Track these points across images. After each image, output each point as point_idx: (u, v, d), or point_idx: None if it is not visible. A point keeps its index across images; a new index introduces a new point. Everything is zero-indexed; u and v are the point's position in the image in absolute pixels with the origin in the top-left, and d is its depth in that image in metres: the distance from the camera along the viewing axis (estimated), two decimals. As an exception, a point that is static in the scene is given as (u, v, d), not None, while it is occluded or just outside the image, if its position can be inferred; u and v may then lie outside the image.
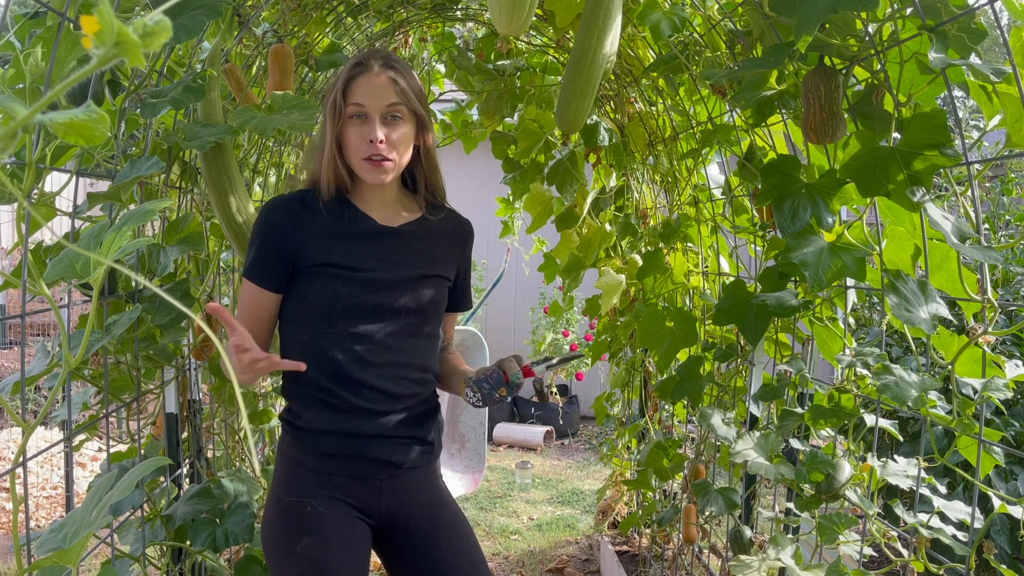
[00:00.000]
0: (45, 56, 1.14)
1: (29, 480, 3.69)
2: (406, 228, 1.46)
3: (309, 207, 1.41)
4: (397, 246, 1.44)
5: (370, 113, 1.36)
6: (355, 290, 1.37)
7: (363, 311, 1.38)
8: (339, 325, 1.37)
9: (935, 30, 1.08)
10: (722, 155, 1.94)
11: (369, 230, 1.43)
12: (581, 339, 5.49)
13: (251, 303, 1.42)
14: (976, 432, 1.19)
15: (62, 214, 1.33)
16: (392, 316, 1.40)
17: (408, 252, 1.44)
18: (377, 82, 1.36)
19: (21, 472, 1.12)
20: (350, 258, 1.39)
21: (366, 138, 1.36)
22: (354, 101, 1.36)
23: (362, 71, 1.37)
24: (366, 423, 1.38)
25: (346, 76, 1.37)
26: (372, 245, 1.42)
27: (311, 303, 1.38)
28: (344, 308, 1.37)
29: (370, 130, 1.36)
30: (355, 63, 1.39)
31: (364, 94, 1.36)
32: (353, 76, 1.37)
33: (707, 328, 2.04)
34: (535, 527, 3.76)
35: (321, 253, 1.38)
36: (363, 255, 1.40)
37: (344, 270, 1.38)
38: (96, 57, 0.42)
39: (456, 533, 1.47)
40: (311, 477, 1.39)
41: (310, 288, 1.38)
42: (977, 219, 1.17)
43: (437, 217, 1.52)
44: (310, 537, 1.34)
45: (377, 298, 1.39)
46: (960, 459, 1.32)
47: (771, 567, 1.39)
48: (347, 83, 1.37)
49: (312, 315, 1.39)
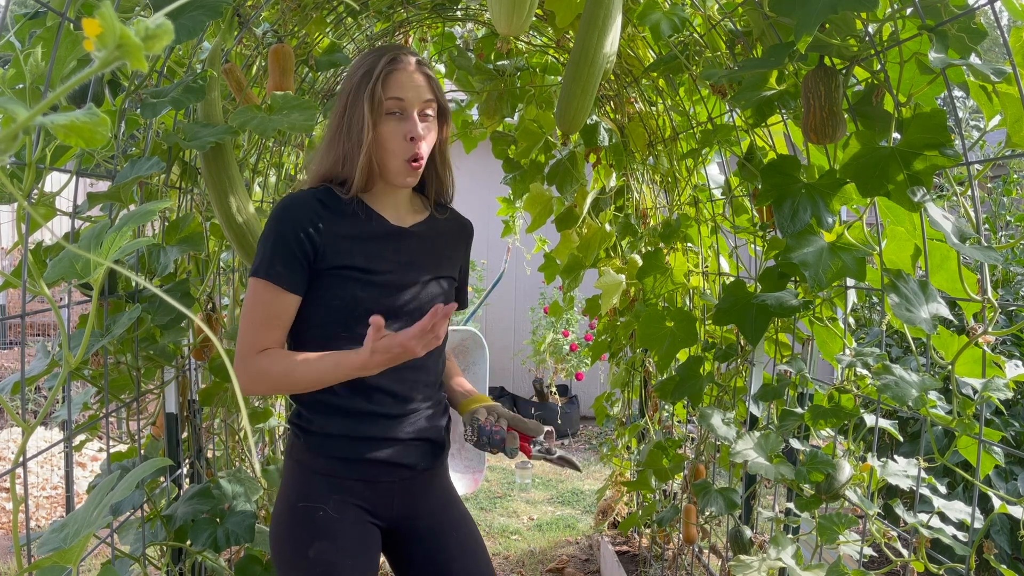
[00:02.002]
0: (45, 56, 1.14)
1: (29, 480, 3.69)
2: (417, 229, 1.45)
3: (329, 207, 1.36)
4: (409, 247, 1.41)
5: (408, 109, 1.34)
6: (372, 294, 1.34)
7: (373, 312, 1.35)
8: (356, 329, 1.30)
9: (935, 30, 1.08)
10: (722, 155, 1.94)
11: (383, 231, 1.40)
12: (581, 339, 5.49)
13: (266, 307, 1.32)
14: (976, 432, 1.19)
15: (62, 214, 1.33)
16: (405, 319, 1.37)
17: (419, 253, 1.42)
18: (416, 78, 1.35)
19: (21, 472, 1.12)
20: (368, 260, 1.35)
21: (406, 135, 1.33)
22: (394, 95, 1.33)
23: (400, 65, 1.34)
24: (377, 427, 1.36)
25: (385, 69, 1.33)
26: (386, 246, 1.39)
27: (329, 307, 1.34)
28: (362, 312, 1.31)
29: (411, 127, 1.33)
30: (390, 58, 1.35)
31: (404, 88, 1.33)
32: (391, 70, 1.33)
33: (707, 328, 2.04)
34: (535, 527, 3.76)
35: (341, 255, 1.33)
36: (379, 257, 1.37)
37: (362, 273, 1.34)
38: (98, 60, 0.42)
39: (465, 533, 1.46)
40: (322, 481, 1.36)
41: (327, 291, 1.33)
42: (977, 219, 1.17)
43: (443, 216, 1.51)
44: (321, 542, 1.32)
45: (391, 301, 1.36)
46: (960, 459, 1.33)
47: (771, 567, 1.39)
48: (387, 76, 1.33)
49: (329, 319, 1.34)
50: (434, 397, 1.46)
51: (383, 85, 1.33)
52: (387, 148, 1.35)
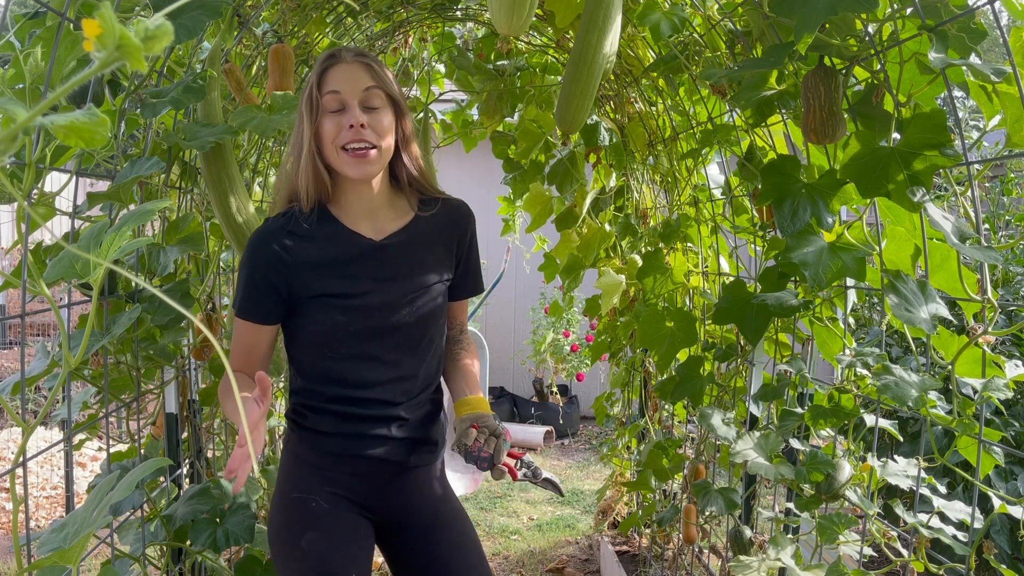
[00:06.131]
0: (45, 56, 1.14)
1: (29, 480, 3.69)
2: (397, 239, 1.40)
3: (296, 234, 1.35)
4: (389, 262, 1.39)
5: (347, 99, 1.31)
6: (354, 317, 1.35)
7: (363, 334, 1.36)
8: (341, 349, 1.36)
9: (935, 30, 1.08)
10: (722, 155, 1.94)
11: (359, 249, 1.37)
12: (582, 339, 5.49)
13: (247, 341, 1.39)
14: (976, 432, 1.19)
15: (62, 214, 1.33)
16: (391, 333, 1.38)
17: (401, 266, 1.39)
18: (351, 69, 1.33)
19: (21, 472, 1.11)
20: (344, 285, 1.35)
21: (345, 125, 1.31)
22: (330, 89, 1.32)
23: (335, 62, 1.34)
24: (369, 428, 1.39)
25: (320, 69, 1.34)
26: (363, 266, 1.37)
27: (313, 331, 1.37)
28: (345, 335, 1.36)
29: (348, 116, 1.31)
30: (327, 56, 1.35)
31: (339, 81, 1.32)
32: (326, 68, 1.33)
33: (707, 328, 2.04)
34: (535, 527, 3.76)
35: (316, 283, 1.35)
36: (356, 279, 1.36)
37: (340, 298, 1.35)
38: (98, 60, 0.42)
39: (457, 530, 1.47)
40: (315, 474, 1.40)
41: (311, 318, 1.37)
42: (977, 219, 1.17)
43: (430, 212, 1.45)
44: (314, 532, 1.35)
45: (374, 320, 1.37)
46: (960, 459, 1.32)
47: (771, 567, 1.39)
48: (321, 75, 1.33)
49: (314, 340, 1.38)
50: (428, 398, 1.46)
51: (318, 85, 1.33)
52: (327, 141, 1.32)
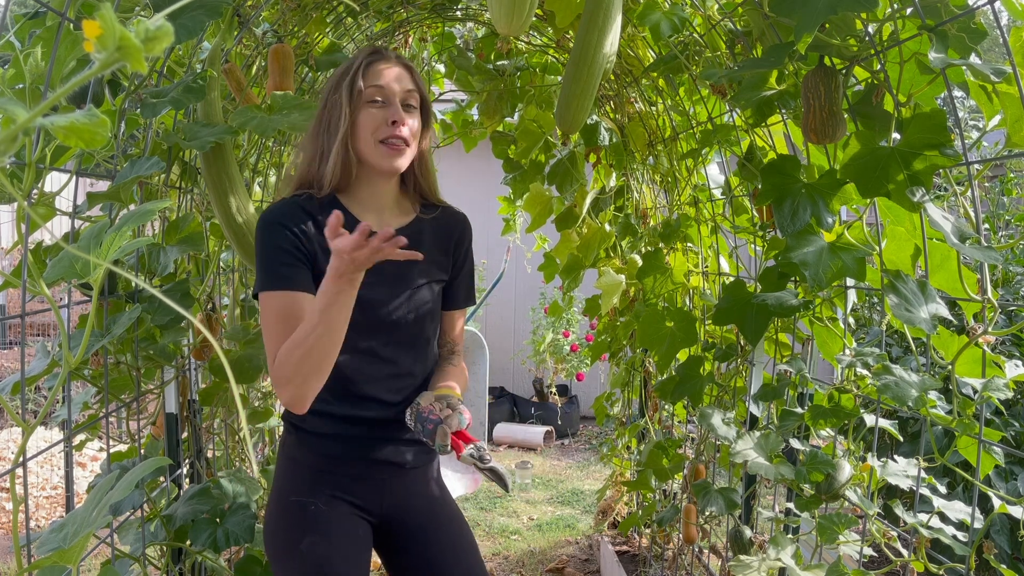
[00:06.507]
0: (45, 56, 1.14)
1: (29, 480, 3.69)
2: (402, 233, 1.39)
3: (311, 215, 1.34)
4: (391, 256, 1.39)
5: (390, 97, 1.35)
6: (354, 309, 1.30)
7: (362, 327, 1.34)
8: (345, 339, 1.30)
9: (935, 30, 1.08)
10: (722, 155, 1.94)
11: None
12: (582, 339, 5.49)
13: (279, 313, 1.26)
14: (976, 432, 1.19)
15: (62, 214, 1.33)
16: (390, 328, 1.38)
17: (402, 262, 1.34)
18: (396, 68, 1.37)
19: (21, 472, 1.11)
20: None
21: (387, 119, 1.33)
22: (374, 83, 1.34)
23: (380, 58, 1.37)
24: (367, 430, 1.39)
25: (364, 61, 1.36)
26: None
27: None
28: (350, 324, 1.29)
29: (392, 112, 1.34)
30: (372, 51, 1.38)
31: (385, 76, 1.35)
32: (372, 61, 1.36)
33: (707, 328, 2.04)
34: (535, 527, 3.76)
35: (325, 266, 1.28)
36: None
37: None
38: (98, 61, 0.42)
39: (454, 532, 1.47)
40: (313, 476, 1.39)
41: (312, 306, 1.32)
42: (977, 219, 1.17)
43: (431, 216, 1.47)
44: (313, 536, 1.34)
45: (374, 314, 1.36)
46: (960, 459, 1.32)
47: (771, 567, 1.39)
48: (366, 68, 1.35)
49: None
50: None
51: (363, 75, 1.34)
52: (365, 133, 1.34)
